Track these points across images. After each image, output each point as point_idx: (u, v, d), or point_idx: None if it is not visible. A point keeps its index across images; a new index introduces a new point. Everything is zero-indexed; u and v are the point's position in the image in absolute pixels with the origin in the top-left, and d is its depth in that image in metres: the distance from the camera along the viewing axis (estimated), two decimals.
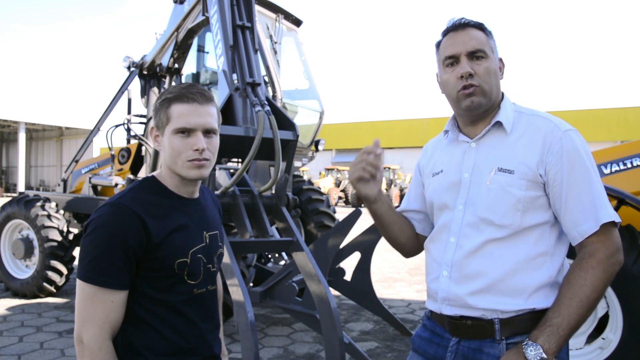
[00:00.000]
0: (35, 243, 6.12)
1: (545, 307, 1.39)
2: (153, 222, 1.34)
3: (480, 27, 1.52)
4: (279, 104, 5.07)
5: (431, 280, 1.56)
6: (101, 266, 1.29)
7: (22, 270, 6.36)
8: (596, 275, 1.34)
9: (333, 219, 6.24)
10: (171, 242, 1.37)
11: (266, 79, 5.37)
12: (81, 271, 1.31)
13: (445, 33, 1.55)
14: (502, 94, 1.56)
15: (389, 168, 29.00)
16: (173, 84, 6.41)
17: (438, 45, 1.57)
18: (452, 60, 1.50)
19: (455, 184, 1.54)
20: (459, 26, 1.52)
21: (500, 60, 1.55)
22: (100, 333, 1.29)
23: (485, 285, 1.43)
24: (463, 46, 1.48)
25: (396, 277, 7.67)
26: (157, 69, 6.35)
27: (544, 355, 1.30)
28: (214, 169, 3.80)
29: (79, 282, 1.32)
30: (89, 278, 1.30)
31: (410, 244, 1.75)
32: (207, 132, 1.41)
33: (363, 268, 3.79)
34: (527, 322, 1.40)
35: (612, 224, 1.37)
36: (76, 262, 6.93)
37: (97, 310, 1.29)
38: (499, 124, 1.50)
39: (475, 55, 1.47)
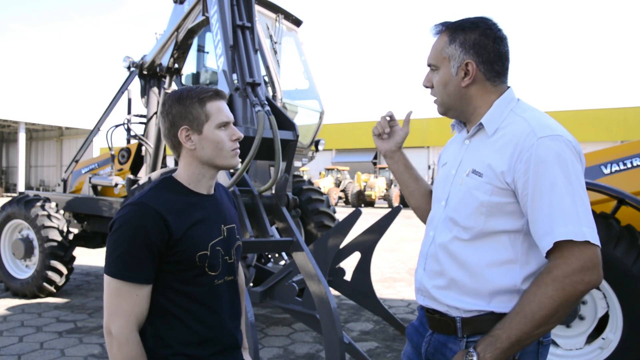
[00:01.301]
0: (35, 243, 6.12)
1: (505, 312, 1.37)
2: (173, 219, 1.43)
3: (448, 29, 1.50)
4: (279, 104, 5.07)
5: (415, 271, 1.62)
6: (126, 262, 1.37)
7: (22, 270, 6.36)
8: (547, 292, 1.26)
9: (333, 219, 6.24)
10: (191, 236, 1.45)
11: (266, 79, 5.37)
12: (107, 267, 1.40)
13: None
14: (508, 89, 1.50)
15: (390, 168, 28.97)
16: (173, 84, 6.41)
17: None
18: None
19: (445, 179, 1.57)
20: (434, 32, 1.56)
21: (467, 64, 1.46)
22: (126, 325, 1.37)
23: (446, 282, 1.46)
24: (427, 57, 1.56)
25: (396, 277, 7.68)
26: (157, 69, 6.34)
27: None
28: None
29: (105, 277, 1.40)
30: (115, 273, 1.38)
31: (421, 212, 1.81)
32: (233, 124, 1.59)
33: (363, 268, 3.79)
34: (488, 323, 1.39)
35: (580, 242, 1.26)
36: (76, 263, 6.95)
37: (123, 303, 1.38)
38: (481, 124, 1.49)
39: (430, 68, 1.55)
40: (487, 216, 1.40)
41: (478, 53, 1.46)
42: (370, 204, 27.90)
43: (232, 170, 4.05)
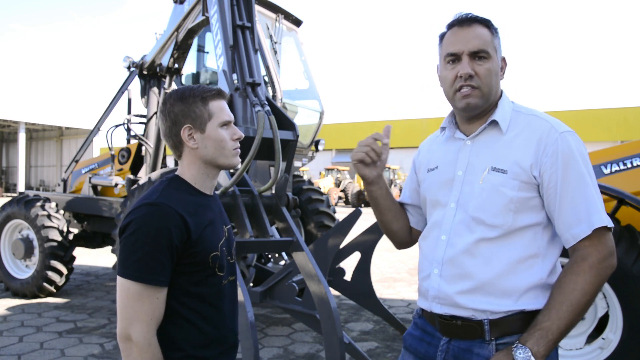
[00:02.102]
0: (35, 243, 6.12)
1: (535, 308, 1.38)
2: (191, 220, 1.42)
3: (486, 24, 1.48)
4: (279, 104, 5.07)
5: (422, 278, 1.56)
6: (148, 264, 1.34)
7: (22, 270, 6.36)
8: (587, 279, 1.33)
9: (333, 219, 6.24)
10: (205, 237, 1.46)
11: (266, 79, 5.37)
12: (126, 270, 1.35)
13: (451, 26, 1.51)
14: (501, 92, 1.54)
15: (389, 168, 28.98)
16: (173, 84, 6.41)
17: (442, 37, 1.54)
18: (453, 58, 1.48)
19: (449, 181, 1.54)
20: (464, 21, 1.48)
21: (503, 59, 1.53)
22: (148, 329, 1.35)
23: (474, 285, 1.42)
24: (466, 45, 1.45)
25: (396, 277, 7.67)
26: (157, 69, 6.34)
27: (532, 359, 1.29)
28: None
29: (123, 281, 1.36)
30: (136, 277, 1.34)
31: (402, 234, 1.76)
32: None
33: (363, 268, 3.79)
34: (517, 323, 1.39)
35: (606, 228, 1.36)
36: (76, 263, 6.95)
37: (144, 307, 1.34)
38: (495, 122, 1.49)
39: (477, 55, 1.45)
40: (515, 212, 1.41)
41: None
42: None
43: (232, 170, 4.05)
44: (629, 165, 3.61)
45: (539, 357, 1.30)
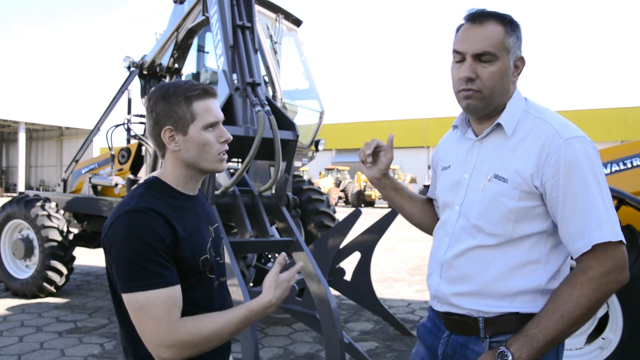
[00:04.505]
0: (35, 243, 6.12)
1: (531, 312, 1.37)
2: (177, 224, 1.34)
3: (502, 20, 1.41)
4: (279, 104, 5.07)
5: (428, 276, 1.60)
6: (144, 270, 1.25)
7: (22, 270, 6.35)
8: (584, 292, 1.28)
9: (333, 219, 6.24)
10: (193, 242, 1.39)
11: (266, 79, 5.37)
12: (127, 284, 1.26)
13: (465, 21, 1.45)
14: (516, 89, 1.49)
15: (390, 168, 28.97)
16: None
17: (457, 30, 1.48)
18: (459, 57, 1.44)
19: (457, 183, 1.53)
20: (477, 18, 1.42)
21: (520, 59, 1.45)
22: (171, 325, 1.27)
23: (470, 289, 1.43)
24: (471, 45, 1.40)
25: (396, 277, 7.67)
26: (157, 69, 6.34)
27: None
28: None
29: (129, 296, 1.27)
30: (136, 287, 1.25)
31: (426, 228, 1.80)
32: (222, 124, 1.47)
33: (363, 268, 3.80)
34: (511, 323, 1.39)
35: (613, 242, 1.29)
36: (76, 263, 6.95)
37: (158, 312, 1.26)
38: (500, 125, 1.45)
39: (482, 57, 1.39)
40: (515, 222, 1.38)
41: (521, 50, 1.47)
42: (370, 204, 27.90)
43: (232, 170, 4.05)
44: (629, 165, 3.61)
45: None
